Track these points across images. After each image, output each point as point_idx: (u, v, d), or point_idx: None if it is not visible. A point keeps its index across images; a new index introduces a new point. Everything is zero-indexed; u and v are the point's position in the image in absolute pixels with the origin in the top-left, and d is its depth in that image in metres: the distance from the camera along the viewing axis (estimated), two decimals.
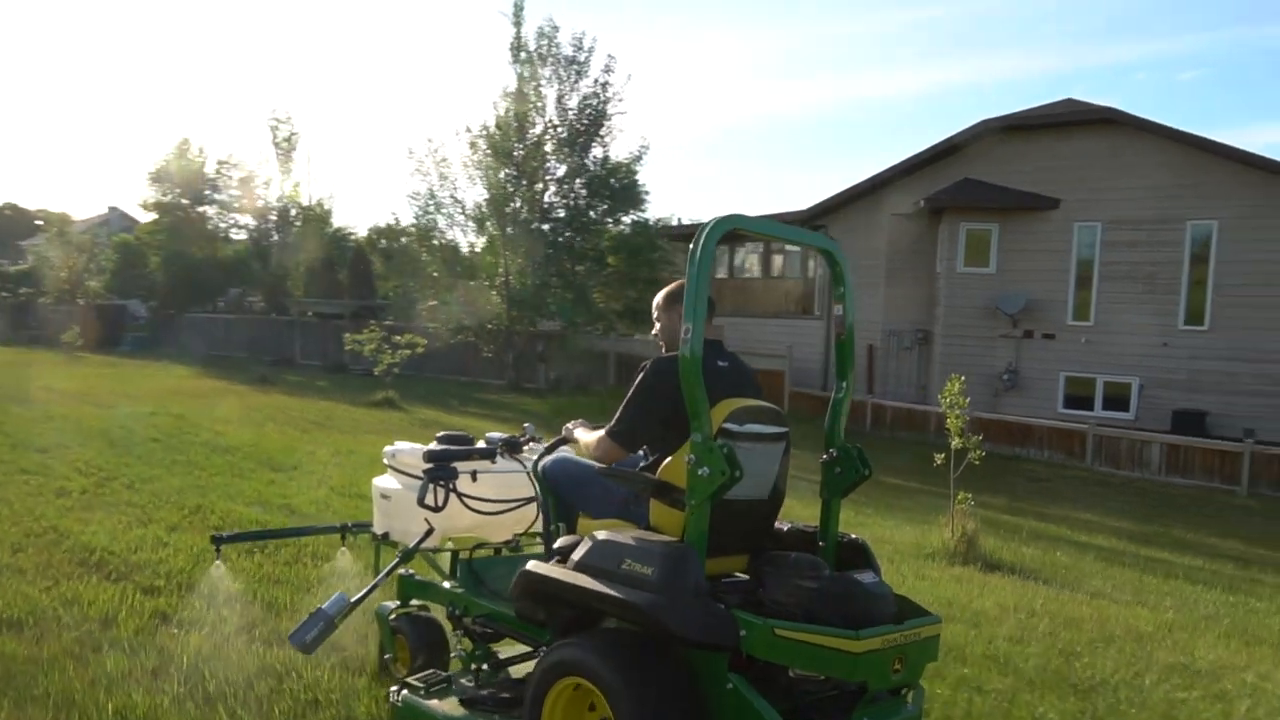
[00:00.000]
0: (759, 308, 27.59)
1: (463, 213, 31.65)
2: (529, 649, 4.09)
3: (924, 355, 23.96)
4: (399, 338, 21.56)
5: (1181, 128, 20.57)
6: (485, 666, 4.04)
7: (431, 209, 31.40)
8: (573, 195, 31.79)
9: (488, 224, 31.29)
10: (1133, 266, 20.69)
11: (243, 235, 45.66)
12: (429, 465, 4.07)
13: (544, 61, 30.39)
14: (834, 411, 3.81)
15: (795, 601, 3.15)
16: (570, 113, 30.84)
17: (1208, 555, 11.33)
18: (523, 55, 29.91)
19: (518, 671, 4.04)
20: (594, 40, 31.26)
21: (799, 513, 4.47)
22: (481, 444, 4.47)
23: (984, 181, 22.39)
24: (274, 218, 44.18)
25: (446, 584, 4.36)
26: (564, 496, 3.85)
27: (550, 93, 31.16)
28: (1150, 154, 20.46)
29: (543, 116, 31.35)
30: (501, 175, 30.56)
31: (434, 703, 3.77)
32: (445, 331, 28.52)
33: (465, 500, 4.17)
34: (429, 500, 4.05)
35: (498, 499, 4.28)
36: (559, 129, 31.04)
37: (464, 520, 4.27)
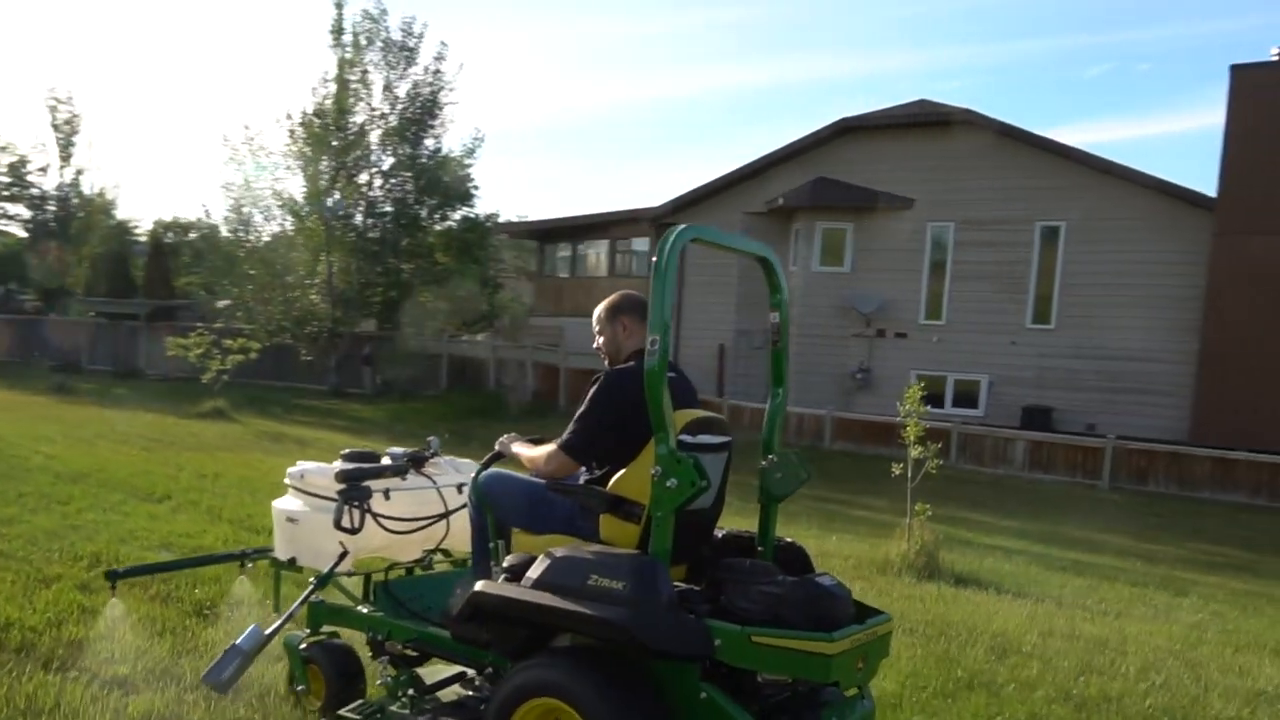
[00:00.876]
0: None
1: (281, 206, 29.04)
2: (455, 671, 3.99)
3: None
4: (230, 342, 19.21)
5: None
6: (412, 692, 3.87)
7: (248, 202, 28.64)
8: (400, 189, 29.83)
9: (307, 218, 28.82)
10: (984, 266, 20.96)
11: (14, 227, 40.77)
12: (342, 486, 3.91)
13: (370, 46, 28.39)
14: (771, 418, 3.78)
15: (761, 608, 3.10)
16: (400, 102, 28.94)
17: (1113, 553, 11.12)
18: (345, 39, 27.82)
19: (447, 695, 3.91)
20: (424, 25, 29.50)
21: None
22: (386, 461, 4.30)
23: (838, 180, 22.22)
24: (52, 208, 39.61)
25: (363, 608, 4.14)
26: (502, 513, 3.72)
27: (377, 79, 29.18)
28: (1002, 156, 20.82)
29: (369, 104, 29.29)
30: (321, 165, 28.23)
31: None
32: (263, 333, 25.93)
33: (380, 520, 3.99)
34: (345, 522, 3.88)
35: (410, 517, 4.11)
36: (388, 118, 29.04)
37: (376, 541, 4.08)
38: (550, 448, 3.58)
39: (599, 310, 3.84)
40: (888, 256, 21.77)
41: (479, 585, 3.33)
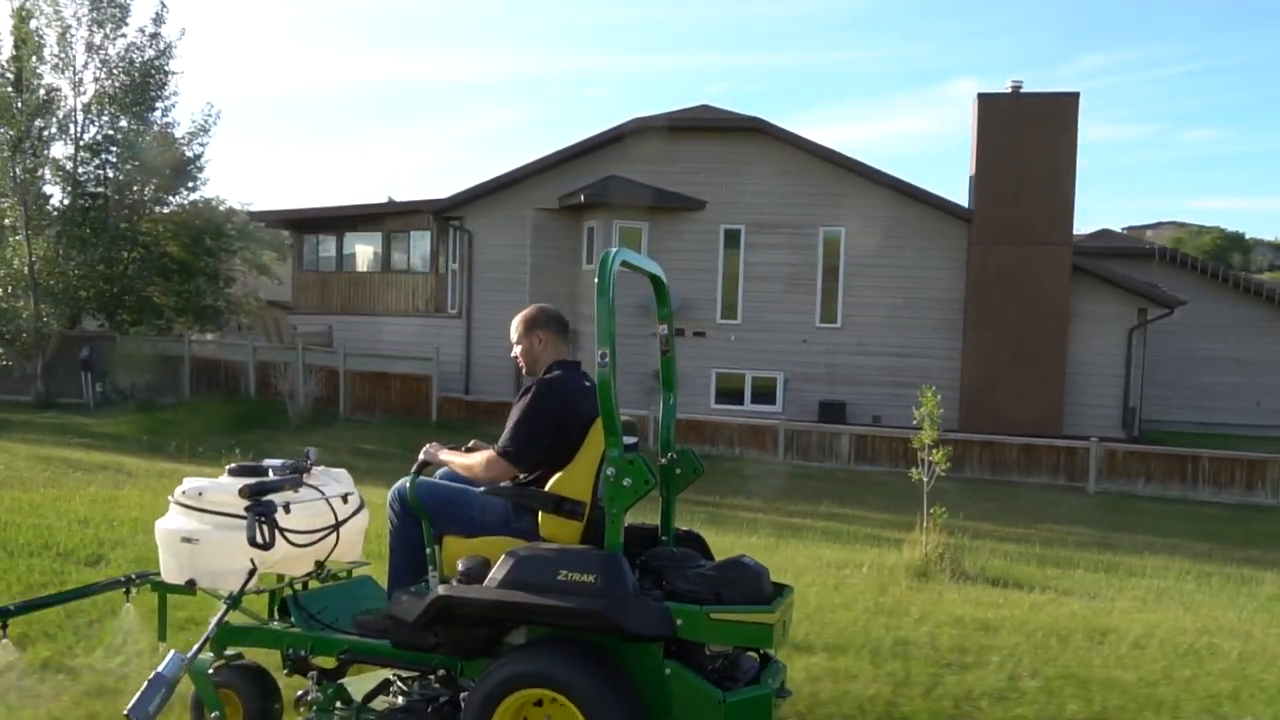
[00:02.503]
0: (378, 305, 24.96)
1: None
2: (379, 680, 4.05)
3: (570, 354, 23.36)
4: None
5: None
6: (340, 705, 3.91)
7: None
8: (113, 166, 26.16)
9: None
10: (774, 268, 22.11)
11: None
12: (249, 502, 3.83)
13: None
14: (666, 420, 4.18)
15: (702, 588, 3.49)
16: (115, 65, 25.40)
17: (1016, 541, 12.27)
18: None
19: (379, 704, 3.96)
20: None
21: None
22: (272, 475, 4.20)
23: (631, 179, 22.41)
24: None
25: (275, 625, 4.14)
26: (436, 519, 3.81)
27: (78, 40, 25.40)
28: (787, 162, 22.01)
29: (70, 65, 25.41)
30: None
31: None
32: None
33: (286, 535, 3.93)
34: (258, 539, 3.80)
35: (308, 530, 4.06)
36: (101, 82, 25.39)
37: (276, 556, 3.99)
38: (488, 454, 3.80)
39: (516, 322, 4.11)
40: (683, 256, 22.27)
41: (442, 590, 3.47)
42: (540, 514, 3.70)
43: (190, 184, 27.23)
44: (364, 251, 25.82)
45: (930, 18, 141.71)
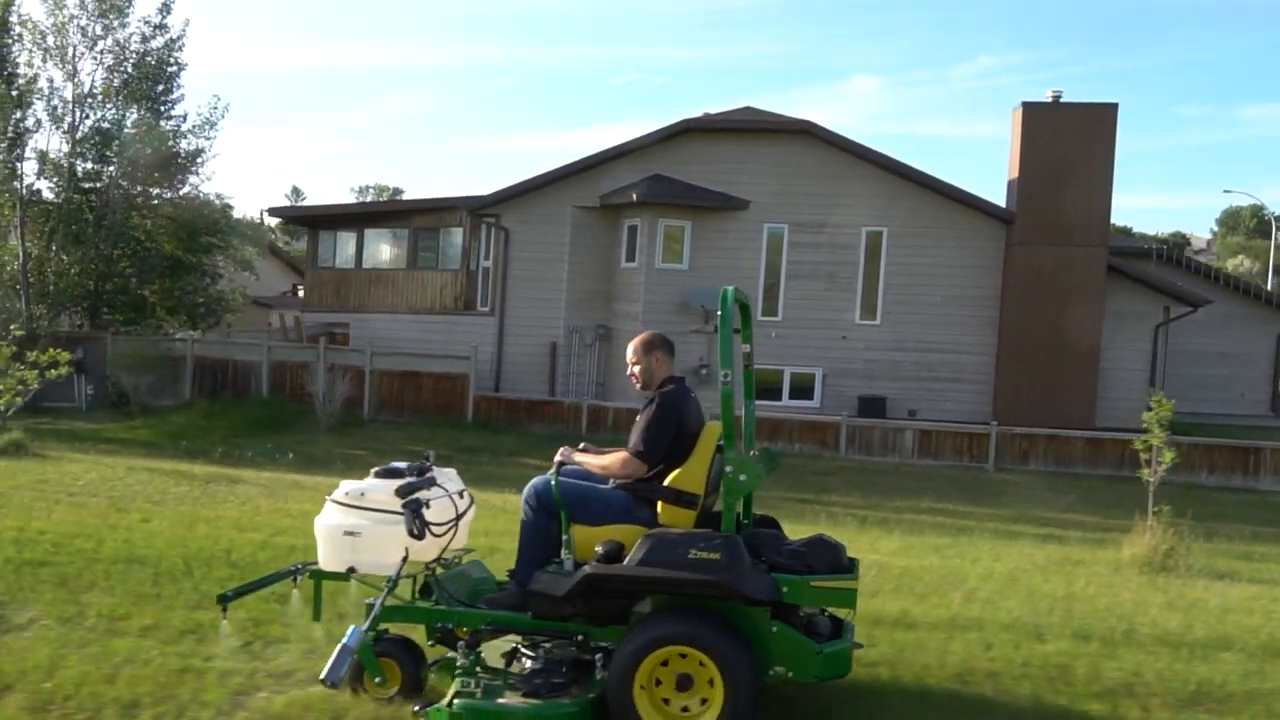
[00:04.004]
0: (400, 302, 24.41)
1: None
2: (509, 647, 4.64)
3: (604, 352, 23.31)
4: (39, 355, 15.10)
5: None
6: (480, 669, 4.43)
7: None
8: (109, 161, 25.07)
9: None
10: (816, 266, 22.42)
11: None
12: (404, 500, 4.41)
13: None
14: (747, 421, 4.93)
15: (797, 561, 4.26)
16: (126, 56, 24.41)
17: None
18: None
19: (515, 668, 4.55)
20: None
21: None
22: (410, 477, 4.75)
23: (674, 179, 22.43)
24: None
25: (423, 604, 4.74)
26: (573, 512, 4.45)
27: (73, 29, 24.31)
28: (832, 164, 22.33)
29: (62, 55, 24.28)
30: None
31: (503, 701, 4.18)
32: None
33: (430, 528, 4.53)
34: (415, 531, 4.40)
35: (442, 522, 4.66)
36: (103, 73, 24.33)
37: (421, 545, 4.57)
38: (622, 455, 4.52)
39: (636, 345, 4.80)
40: (725, 254, 22.45)
41: (590, 569, 4.17)
42: (660, 504, 4.43)
43: (193, 178, 26.29)
44: (386, 248, 25.17)
45: (832, 16, 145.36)
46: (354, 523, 4.59)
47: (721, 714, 4.01)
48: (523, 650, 4.57)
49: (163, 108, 25.05)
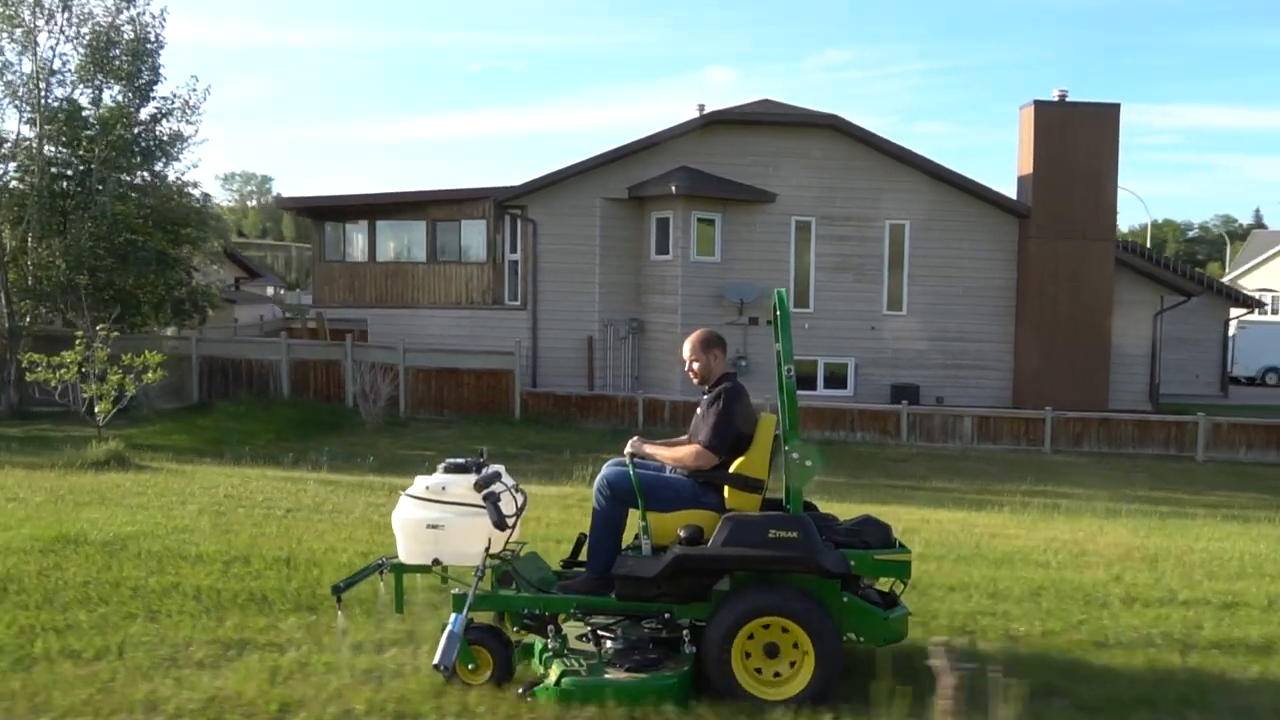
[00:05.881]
0: (422, 297, 23.76)
1: None
2: (585, 629, 4.84)
3: (637, 345, 23.30)
4: (134, 358, 14.15)
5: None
6: (568, 650, 4.68)
7: None
8: (82, 144, 23.57)
9: None
10: (843, 258, 22.99)
11: None
12: (485, 493, 4.58)
13: None
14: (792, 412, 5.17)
15: (854, 538, 4.66)
16: (96, 27, 22.97)
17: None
18: None
19: (598, 645, 4.75)
20: None
21: None
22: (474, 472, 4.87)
23: (704, 171, 22.61)
24: None
25: (506, 591, 4.86)
26: (649, 499, 4.72)
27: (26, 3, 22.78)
28: (857, 158, 22.92)
29: (7, 26, 22.70)
30: None
31: (608, 675, 4.44)
32: None
33: (507, 519, 4.70)
34: (501, 522, 4.58)
35: (511, 514, 4.82)
36: (69, 44, 22.89)
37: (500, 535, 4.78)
38: (695, 448, 4.80)
39: (695, 343, 5.05)
40: (755, 247, 22.76)
41: (678, 552, 4.50)
42: (727, 489, 4.73)
43: (176, 165, 24.90)
44: (402, 241, 24.43)
45: (687, 7, 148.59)
46: (437, 516, 4.71)
47: (814, 676, 4.33)
48: (601, 632, 4.78)
49: (141, 87, 23.53)
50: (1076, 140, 22.55)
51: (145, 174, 24.21)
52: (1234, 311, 30.40)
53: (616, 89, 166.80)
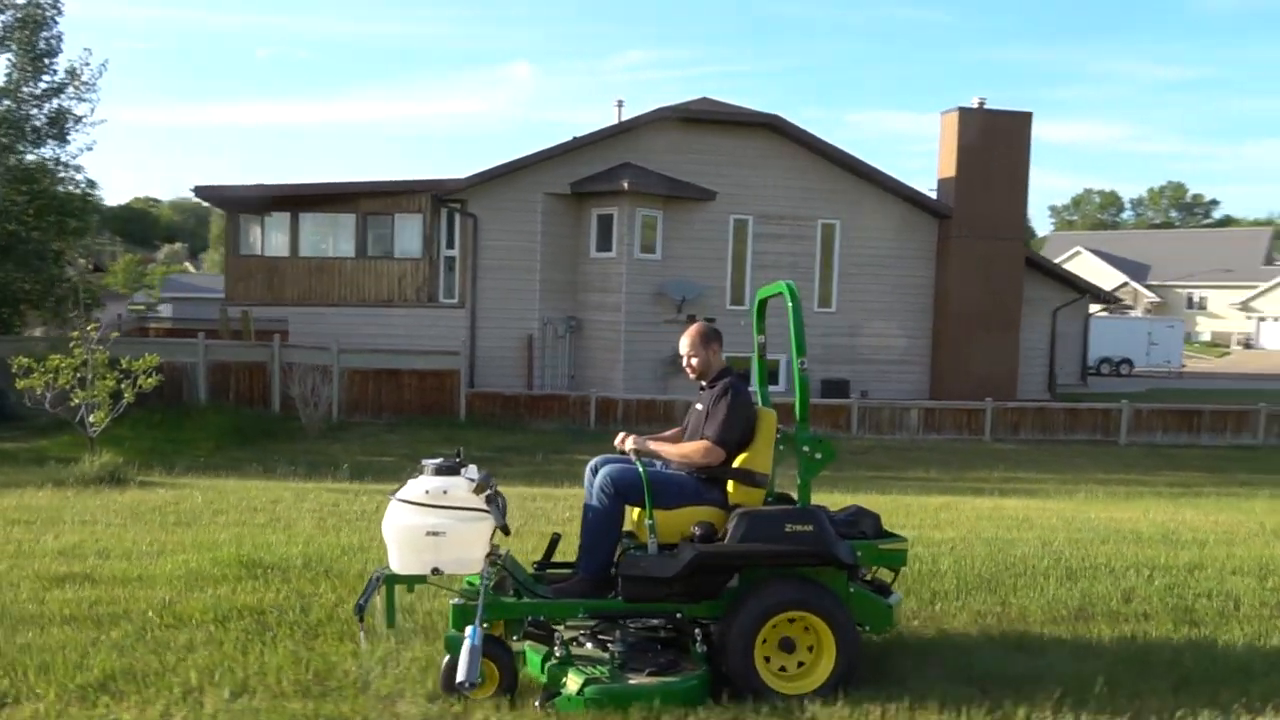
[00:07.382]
0: (350, 295, 22.64)
1: None
2: (587, 630, 4.75)
3: (574, 343, 23.07)
4: (132, 362, 12.89)
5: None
6: (580, 652, 4.61)
7: None
8: None
9: None
10: (778, 256, 23.51)
11: None
12: (485, 494, 4.43)
13: None
14: (764, 402, 5.27)
15: (852, 529, 4.78)
16: None
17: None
18: None
19: (599, 649, 4.66)
20: None
21: None
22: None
23: (645, 168, 22.58)
24: None
25: (509, 598, 4.66)
26: (655, 498, 4.61)
27: None
28: (794, 158, 23.45)
29: None
30: None
31: (634, 681, 4.32)
32: None
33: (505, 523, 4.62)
34: (502, 525, 4.49)
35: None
36: None
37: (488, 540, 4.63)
38: (703, 444, 4.71)
39: (693, 338, 5.01)
40: (694, 245, 22.97)
41: (699, 549, 4.40)
42: (730, 484, 4.69)
43: (69, 148, 22.70)
44: (328, 236, 23.12)
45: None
46: (436, 522, 4.43)
47: (835, 666, 4.36)
48: (602, 636, 4.64)
49: (36, 57, 21.27)
50: (992, 145, 23.88)
51: (33, 156, 21.92)
52: (1092, 308, 33.00)
53: (423, 79, 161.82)
